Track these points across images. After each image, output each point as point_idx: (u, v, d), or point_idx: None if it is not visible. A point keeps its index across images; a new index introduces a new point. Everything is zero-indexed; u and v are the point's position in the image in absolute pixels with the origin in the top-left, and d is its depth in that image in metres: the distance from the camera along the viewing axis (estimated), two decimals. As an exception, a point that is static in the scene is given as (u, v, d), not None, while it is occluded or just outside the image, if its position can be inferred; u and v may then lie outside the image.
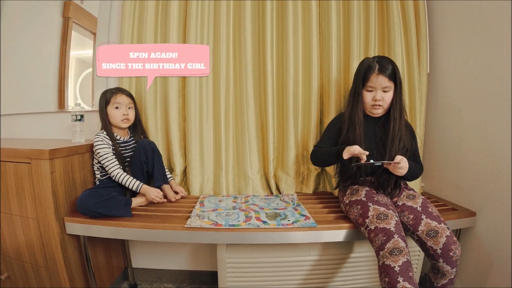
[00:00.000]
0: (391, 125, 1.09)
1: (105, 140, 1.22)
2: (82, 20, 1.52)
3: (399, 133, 1.08)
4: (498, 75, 1.07)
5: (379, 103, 1.08)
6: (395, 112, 1.09)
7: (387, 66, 1.06)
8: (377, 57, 1.11)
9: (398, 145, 1.08)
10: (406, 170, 1.02)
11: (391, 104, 1.10)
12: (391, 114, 1.10)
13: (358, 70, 1.14)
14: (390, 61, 1.09)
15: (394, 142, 1.08)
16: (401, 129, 1.09)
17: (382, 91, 1.08)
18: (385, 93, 1.08)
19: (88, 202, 1.08)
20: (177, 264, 1.58)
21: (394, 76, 1.07)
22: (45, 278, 1.14)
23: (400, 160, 1.00)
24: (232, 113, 1.45)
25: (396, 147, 1.08)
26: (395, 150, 1.07)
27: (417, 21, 1.37)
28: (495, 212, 1.10)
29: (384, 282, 0.85)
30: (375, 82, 1.07)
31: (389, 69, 1.06)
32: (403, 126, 1.11)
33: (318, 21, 1.41)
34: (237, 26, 1.42)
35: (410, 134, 1.14)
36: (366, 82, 1.09)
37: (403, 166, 1.01)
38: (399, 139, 1.08)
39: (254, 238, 1.04)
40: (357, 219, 1.02)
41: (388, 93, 1.08)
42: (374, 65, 1.07)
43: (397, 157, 1.01)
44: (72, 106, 1.50)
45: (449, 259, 0.92)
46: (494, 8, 1.08)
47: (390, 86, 1.07)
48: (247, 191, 1.43)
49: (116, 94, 1.24)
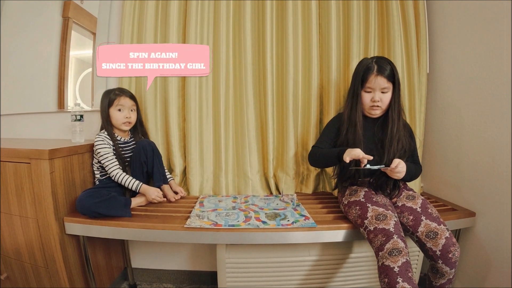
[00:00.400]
0: (389, 126, 1.09)
1: (106, 140, 1.22)
2: (82, 20, 1.52)
3: (398, 134, 1.08)
4: (498, 75, 1.07)
5: (377, 104, 1.08)
6: (393, 113, 1.09)
7: (385, 67, 1.05)
8: (376, 57, 1.10)
9: (396, 146, 1.07)
10: (404, 173, 1.01)
11: (389, 105, 1.09)
12: (389, 115, 1.10)
13: (356, 70, 1.13)
14: (389, 61, 1.08)
15: (393, 143, 1.07)
16: (399, 130, 1.09)
17: (380, 92, 1.07)
18: (383, 94, 1.08)
19: (87, 202, 1.08)
20: (176, 264, 1.58)
21: (392, 77, 1.06)
22: (45, 278, 1.14)
23: (397, 164, 0.99)
24: (232, 113, 1.45)
25: (395, 148, 1.07)
26: (393, 151, 1.07)
27: (417, 21, 1.37)
28: (495, 213, 1.10)
29: (384, 283, 0.85)
30: (374, 83, 1.06)
31: (387, 70, 1.05)
32: (402, 127, 1.10)
33: (318, 21, 1.41)
34: (237, 26, 1.42)
35: (408, 134, 1.14)
36: (365, 83, 1.08)
37: (400, 170, 1.00)
38: (397, 140, 1.08)
39: (253, 238, 1.04)
40: (356, 220, 1.02)
41: (386, 94, 1.07)
42: (372, 66, 1.07)
43: (394, 162, 1.00)
44: (71, 106, 1.50)
45: (448, 260, 0.92)
46: (494, 8, 1.08)
47: (389, 87, 1.07)
48: (246, 191, 1.43)
49: (120, 96, 1.24)
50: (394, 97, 1.08)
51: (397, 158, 1.02)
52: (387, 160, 1.06)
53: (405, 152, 1.10)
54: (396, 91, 1.08)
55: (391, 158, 1.04)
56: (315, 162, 1.20)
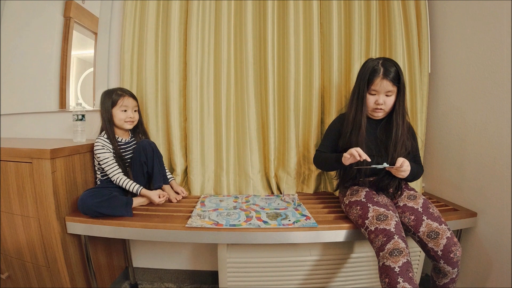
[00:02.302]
0: (393, 130, 1.07)
1: (106, 145, 1.21)
2: (83, 20, 1.52)
3: (402, 138, 1.07)
4: (499, 75, 1.07)
5: (381, 107, 1.07)
6: (397, 117, 1.07)
7: (392, 70, 1.03)
8: (382, 59, 1.07)
9: (400, 150, 1.06)
10: (408, 172, 1.01)
11: (393, 108, 1.08)
12: (393, 119, 1.08)
13: (361, 72, 1.10)
14: (395, 64, 1.05)
15: (397, 148, 1.06)
16: (403, 134, 1.07)
17: (384, 95, 1.06)
18: (387, 97, 1.06)
19: (89, 201, 1.08)
20: (177, 264, 1.58)
21: (398, 81, 1.04)
22: (46, 278, 1.14)
23: (402, 163, 0.99)
24: (233, 113, 1.45)
25: (399, 152, 1.06)
26: (397, 155, 1.06)
27: (419, 21, 1.37)
28: (496, 213, 1.10)
29: (384, 283, 0.85)
30: (379, 86, 1.04)
31: (393, 73, 1.03)
32: (406, 130, 1.09)
33: (320, 21, 1.41)
34: (238, 25, 1.42)
35: (411, 135, 1.13)
36: (370, 85, 1.06)
37: (406, 169, 1.00)
38: (401, 144, 1.07)
39: (255, 238, 1.04)
40: (357, 220, 1.02)
41: (390, 97, 1.06)
42: (379, 68, 1.04)
43: (399, 160, 1.00)
44: (73, 106, 1.50)
45: (449, 260, 0.92)
46: (495, 8, 1.08)
47: (393, 90, 1.05)
48: (248, 191, 1.43)
49: (123, 96, 1.24)
50: (398, 100, 1.06)
51: (400, 158, 1.01)
52: (389, 163, 1.06)
53: (408, 154, 1.09)
54: (401, 94, 1.06)
55: (394, 161, 1.04)
56: (320, 166, 1.23)
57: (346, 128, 1.13)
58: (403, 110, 1.08)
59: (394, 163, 1.01)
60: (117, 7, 1.48)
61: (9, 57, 1.57)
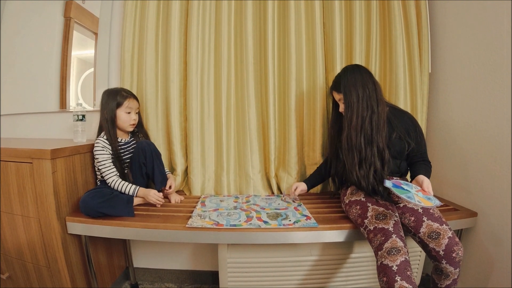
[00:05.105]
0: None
1: (105, 147, 1.21)
2: (84, 20, 1.52)
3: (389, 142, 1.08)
4: (499, 74, 1.07)
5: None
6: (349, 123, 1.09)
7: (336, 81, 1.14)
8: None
9: (391, 153, 1.08)
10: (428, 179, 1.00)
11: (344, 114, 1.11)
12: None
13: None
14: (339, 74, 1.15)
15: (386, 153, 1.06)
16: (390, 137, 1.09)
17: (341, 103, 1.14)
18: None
19: (91, 203, 1.08)
20: (178, 264, 1.58)
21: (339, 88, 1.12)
22: (47, 278, 1.14)
23: (426, 183, 0.96)
24: (234, 113, 1.45)
25: (391, 153, 1.08)
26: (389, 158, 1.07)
27: (419, 21, 1.37)
28: (497, 213, 1.09)
29: (383, 282, 0.85)
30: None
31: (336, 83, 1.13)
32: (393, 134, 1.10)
33: (322, 21, 1.41)
34: (239, 25, 1.42)
35: (415, 133, 1.11)
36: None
37: (429, 185, 0.96)
38: (389, 148, 1.08)
39: (255, 238, 1.04)
40: (356, 219, 1.02)
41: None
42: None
43: (420, 180, 0.97)
44: (73, 106, 1.50)
45: (452, 260, 0.92)
46: (495, 8, 1.08)
47: (341, 98, 1.12)
48: (248, 191, 1.43)
49: (129, 98, 1.24)
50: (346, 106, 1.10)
51: (420, 176, 0.99)
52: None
53: (401, 153, 1.10)
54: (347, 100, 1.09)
55: (391, 167, 1.08)
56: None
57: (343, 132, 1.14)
58: (351, 116, 1.08)
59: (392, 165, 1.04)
60: (117, 7, 1.48)
61: (10, 57, 1.57)
